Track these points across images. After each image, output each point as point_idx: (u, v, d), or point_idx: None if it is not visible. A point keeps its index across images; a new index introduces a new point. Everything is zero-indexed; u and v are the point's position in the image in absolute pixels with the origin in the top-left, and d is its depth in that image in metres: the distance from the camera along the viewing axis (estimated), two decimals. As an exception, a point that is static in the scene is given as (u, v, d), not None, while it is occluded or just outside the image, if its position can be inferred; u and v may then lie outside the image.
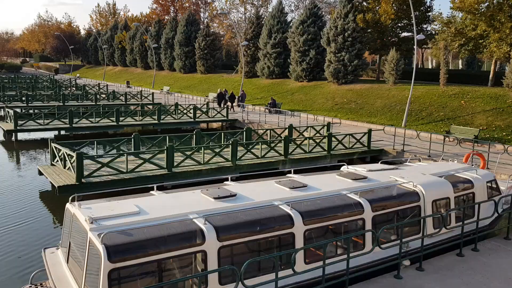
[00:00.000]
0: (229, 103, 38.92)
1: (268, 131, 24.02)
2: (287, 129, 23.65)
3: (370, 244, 8.97)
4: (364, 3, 41.32)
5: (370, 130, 22.17)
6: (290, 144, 19.90)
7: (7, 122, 27.90)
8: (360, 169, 11.36)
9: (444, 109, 29.24)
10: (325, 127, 24.98)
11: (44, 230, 13.03)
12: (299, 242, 8.12)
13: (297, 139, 21.36)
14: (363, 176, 10.43)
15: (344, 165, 12.08)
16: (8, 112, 27.80)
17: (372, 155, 21.93)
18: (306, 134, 24.09)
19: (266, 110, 35.86)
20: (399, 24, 40.86)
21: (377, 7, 39.98)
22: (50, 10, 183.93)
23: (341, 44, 39.24)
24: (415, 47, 32.55)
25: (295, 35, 44.59)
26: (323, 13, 52.34)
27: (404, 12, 39.00)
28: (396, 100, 32.64)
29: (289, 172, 11.46)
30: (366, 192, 9.49)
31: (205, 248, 7.13)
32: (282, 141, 19.75)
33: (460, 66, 66.16)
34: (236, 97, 40.50)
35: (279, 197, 8.69)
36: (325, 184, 9.78)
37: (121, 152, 18.44)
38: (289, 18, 51.48)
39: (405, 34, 41.63)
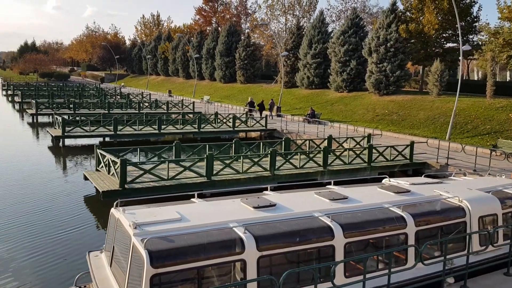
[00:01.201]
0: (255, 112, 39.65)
1: (307, 142, 23.88)
2: (326, 140, 23.44)
3: (412, 259, 8.71)
4: (408, 13, 40.62)
5: (412, 142, 21.64)
6: (329, 155, 19.71)
7: (55, 128, 29.17)
8: (402, 182, 11.09)
9: (491, 122, 28.15)
10: (366, 138, 24.58)
11: (88, 233, 13.46)
12: (339, 255, 8.00)
13: (336, 150, 21.14)
14: (406, 190, 10.17)
15: (385, 177, 11.83)
16: (57, 119, 29.08)
17: (414, 168, 21.36)
18: (345, 145, 23.80)
19: (305, 120, 35.72)
20: (444, 35, 39.79)
21: (420, 18, 39.19)
22: (97, 21, 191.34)
23: (383, 54, 38.67)
24: (460, 58, 31.64)
25: (336, 45, 44.34)
26: (365, 23, 51.78)
27: (449, 23, 38.00)
28: (440, 112, 31.73)
29: (329, 183, 11.34)
30: (409, 206, 9.24)
31: (245, 257, 7.14)
32: (321, 151, 19.58)
33: (508, 78, 63.59)
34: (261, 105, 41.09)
35: (319, 209, 8.60)
36: (366, 197, 9.60)
37: (163, 159, 18.85)
38: (330, 29, 51.34)
39: (450, 44, 40.55)
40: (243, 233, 7.28)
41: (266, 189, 10.30)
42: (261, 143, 22.97)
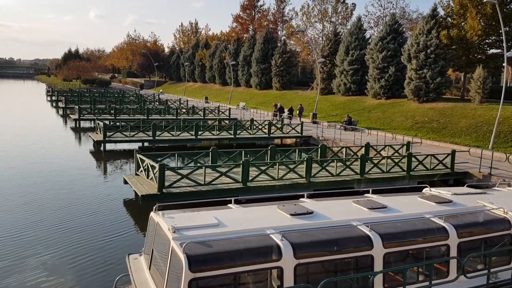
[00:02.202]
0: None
1: (344, 149, 23.61)
2: (363, 147, 23.11)
3: (454, 272, 8.43)
4: (449, 19, 39.60)
5: (454, 151, 21.00)
6: (366, 163, 19.39)
7: (97, 133, 30.13)
8: (444, 192, 10.77)
9: (539, 131, 26.94)
10: (405, 146, 24.06)
11: (128, 236, 13.78)
12: (378, 265, 7.84)
13: (374, 158, 20.79)
14: (448, 200, 9.87)
15: (426, 187, 11.52)
16: (98, 124, 30.06)
17: (456, 178, 20.71)
18: (383, 153, 23.36)
19: (342, 127, 35.34)
20: (487, 41, 38.51)
21: (462, 23, 38.11)
22: (138, 29, 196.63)
23: (423, 61, 37.83)
24: (504, 64, 30.54)
25: (374, 51, 43.75)
26: (404, 29, 50.86)
27: (493, 28, 36.73)
28: (483, 120, 30.66)
29: (366, 191, 11.15)
30: (451, 217, 8.96)
31: (282, 265, 7.12)
32: (359, 159, 19.30)
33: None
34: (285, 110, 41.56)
35: (357, 217, 8.48)
36: (406, 206, 9.39)
37: (199, 165, 19.11)
38: (367, 35, 50.69)
39: (493, 50, 39.18)
40: (280, 240, 7.26)
41: (301, 196, 10.24)
42: (297, 150, 22.90)
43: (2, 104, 65.38)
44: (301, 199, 10.01)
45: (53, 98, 71.11)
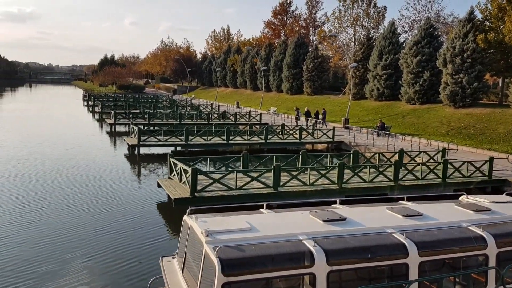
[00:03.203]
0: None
1: (377, 155, 23.24)
2: (397, 154, 22.69)
3: (493, 283, 8.15)
4: (486, 22, 38.47)
5: (492, 158, 20.34)
6: (400, 169, 19.03)
7: (131, 137, 30.83)
8: (482, 200, 10.44)
9: None
10: (440, 152, 23.48)
11: (161, 238, 14.00)
12: (413, 274, 7.66)
13: (408, 164, 20.38)
14: (486, 208, 9.56)
15: (463, 194, 11.20)
16: (133, 128, 30.75)
17: (494, 186, 20.03)
18: (418, 159, 22.87)
19: (374, 133, 34.83)
20: (528, 44, 37.18)
21: (501, 27, 36.95)
22: (171, 36, 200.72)
23: (459, 65, 36.88)
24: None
25: (408, 56, 42.99)
26: (439, 33, 49.75)
27: (534, 30, 35.46)
28: (523, 126, 29.57)
29: (401, 198, 10.94)
30: (490, 226, 8.67)
31: (314, 271, 7.07)
32: (392, 165, 18.96)
33: None
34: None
35: (392, 225, 8.32)
36: (443, 214, 9.15)
37: (231, 169, 19.24)
38: (401, 39, 49.91)
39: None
40: (312, 246, 7.21)
41: (333, 202, 10.15)
42: (329, 155, 22.71)
43: (43, 109, 67.85)
44: (333, 205, 9.92)
45: (90, 103, 73.23)
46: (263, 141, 31.49)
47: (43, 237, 13.38)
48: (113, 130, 41.26)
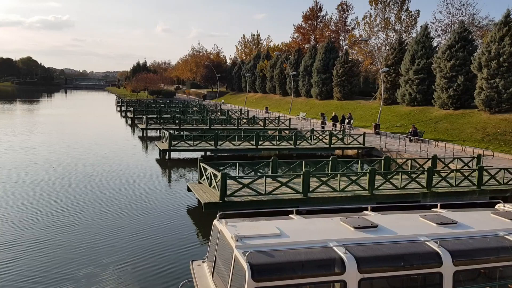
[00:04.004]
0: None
1: (409, 161, 22.79)
2: (430, 160, 22.18)
3: (532, 295, 7.84)
4: (525, 24, 37.21)
5: (530, 165, 19.59)
6: (433, 176, 18.58)
7: (162, 142, 31.33)
8: (520, 208, 10.08)
9: None
10: (475, 159, 22.81)
11: (191, 242, 14.13)
12: (447, 284, 7.46)
13: (442, 171, 19.88)
14: (525, 217, 9.21)
15: (499, 202, 10.84)
16: (164, 133, 31.27)
17: (533, 194, 19.27)
18: (452, 166, 22.29)
19: (406, 138, 34.17)
20: None
21: (540, 28, 35.68)
22: (201, 42, 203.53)
23: (495, 69, 35.81)
24: None
25: (442, 60, 42.08)
26: (474, 37, 48.49)
27: None
28: None
29: (434, 206, 10.69)
30: None
31: (345, 278, 6.98)
32: (425, 172, 18.54)
33: None
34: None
35: (425, 233, 8.13)
36: (478, 222, 8.88)
37: (260, 174, 19.25)
38: (434, 43, 48.88)
39: None
40: (343, 253, 7.13)
41: (364, 208, 10.01)
42: (359, 161, 22.43)
43: (78, 114, 69.88)
44: (364, 211, 9.79)
45: (123, 108, 74.92)
46: (292, 146, 31.39)
47: (81, 241, 13.69)
48: (145, 135, 42.04)
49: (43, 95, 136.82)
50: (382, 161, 21.39)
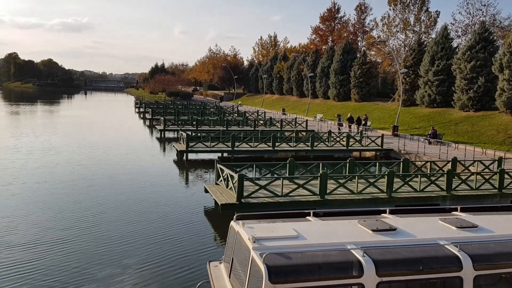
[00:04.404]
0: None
1: (428, 163, 22.47)
2: (450, 162, 21.84)
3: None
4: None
5: (554, 169, 19.13)
6: (453, 179, 18.29)
7: (180, 143, 31.56)
8: (543, 212, 9.85)
9: None
10: (496, 162, 22.37)
11: (208, 243, 14.21)
12: (468, 289, 7.34)
13: (462, 174, 19.56)
14: (548, 221, 9.00)
15: (522, 206, 10.62)
16: (182, 134, 31.49)
17: (556, 198, 18.80)
18: (472, 168, 21.91)
19: (425, 140, 33.72)
20: None
21: None
22: (219, 44, 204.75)
23: (517, 70, 35.06)
24: None
25: (462, 61, 41.42)
26: (495, 37, 47.59)
27: None
28: None
29: (454, 209, 10.52)
30: None
31: (363, 282, 6.92)
32: (445, 174, 18.27)
33: None
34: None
35: (445, 236, 8.01)
36: (499, 226, 8.70)
37: (277, 176, 19.22)
38: (454, 44, 48.15)
39: None
40: (361, 256, 7.07)
41: (382, 211, 9.91)
42: (377, 163, 22.21)
43: (97, 115, 70.92)
44: (382, 214, 9.69)
45: (141, 109, 75.70)
46: (309, 148, 31.28)
47: (102, 241, 13.84)
48: (162, 136, 42.40)
49: (63, 97, 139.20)
50: (401, 163, 21.15)
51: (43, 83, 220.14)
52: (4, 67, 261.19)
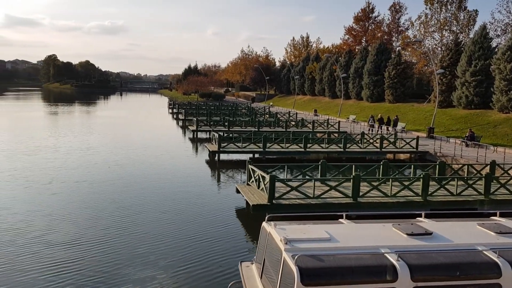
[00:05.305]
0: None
1: (465, 167, 21.83)
2: (488, 166, 21.14)
3: None
4: None
5: None
6: (492, 183, 17.69)
7: (212, 144, 31.85)
8: None
9: None
10: (538, 166, 21.49)
11: (239, 243, 14.29)
12: (508, 297, 7.08)
13: (501, 178, 18.89)
14: None
15: None
16: (214, 135, 31.78)
17: None
18: (512, 172, 21.12)
19: (463, 143, 32.75)
20: None
21: None
22: (251, 45, 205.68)
23: (561, 70, 33.57)
24: None
25: (501, 61, 39.99)
26: (538, 35, 45.63)
27: None
28: None
29: (492, 214, 10.18)
30: None
31: (397, 286, 6.79)
32: (483, 178, 17.69)
33: None
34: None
35: (483, 242, 7.76)
36: (542, 233, 8.35)
37: (308, 177, 19.10)
38: (494, 44, 46.54)
39: None
40: (396, 260, 6.94)
41: (417, 215, 9.70)
42: (412, 166, 21.75)
43: (133, 116, 72.54)
44: (417, 218, 9.49)
45: (174, 110, 76.89)
46: (342, 149, 30.94)
47: (139, 241, 14.04)
48: (195, 136, 42.92)
49: (100, 97, 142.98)
50: (437, 166, 20.63)
51: (81, 84, 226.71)
52: (44, 69, 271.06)
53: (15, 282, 10.93)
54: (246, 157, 28.57)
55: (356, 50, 77.41)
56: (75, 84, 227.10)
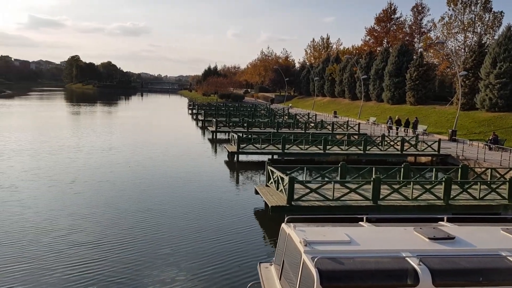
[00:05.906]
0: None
1: (488, 171, 21.38)
2: (512, 170, 20.68)
3: None
4: None
5: None
6: (516, 188, 17.28)
7: (231, 144, 31.97)
8: None
9: None
10: None
11: (258, 244, 14.31)
12: (533, 304, 6.92)
13: (526, 182, 18.41)
14: None
15: None
16: (233, 136, 31.88)
17: None
18: (538, 177, 20.57)
19: (486, 146, 32.09)
20: None
21: None
22: (270, 46, 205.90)
23: None
24: None
25: (527, 63, 39.06)
26: None
27: None
28: None
29: (517, 219, 9.97)
30: None
31: (418, 291, 6.71)
32: (507, 182, 17.30)
33: None
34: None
35: (508, 247, 7.60)
36: None
37: (328, 179, 18.99)
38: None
39: None
40: (417, 264, 6.86)
41: (439, 219, 9.56)
42: (434, 169, 21.42)
43: (153, 116, 73.36)
44: (439, 222, 9.35)
45: (194, 111, 77.43)
46: (362, 151, 30.67)
47: (161, 242, 14.12)
48: (214, 137, 43.13)
49: (121, 98, 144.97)
50: (459, 169, 20.27)
51: (103, 84, 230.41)
52: (67, 69, 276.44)
53: (39, 282, 11.09)
54: (265, 158, 28.62)
55: (377, 52, 76.61)
56: (97, 84, 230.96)
